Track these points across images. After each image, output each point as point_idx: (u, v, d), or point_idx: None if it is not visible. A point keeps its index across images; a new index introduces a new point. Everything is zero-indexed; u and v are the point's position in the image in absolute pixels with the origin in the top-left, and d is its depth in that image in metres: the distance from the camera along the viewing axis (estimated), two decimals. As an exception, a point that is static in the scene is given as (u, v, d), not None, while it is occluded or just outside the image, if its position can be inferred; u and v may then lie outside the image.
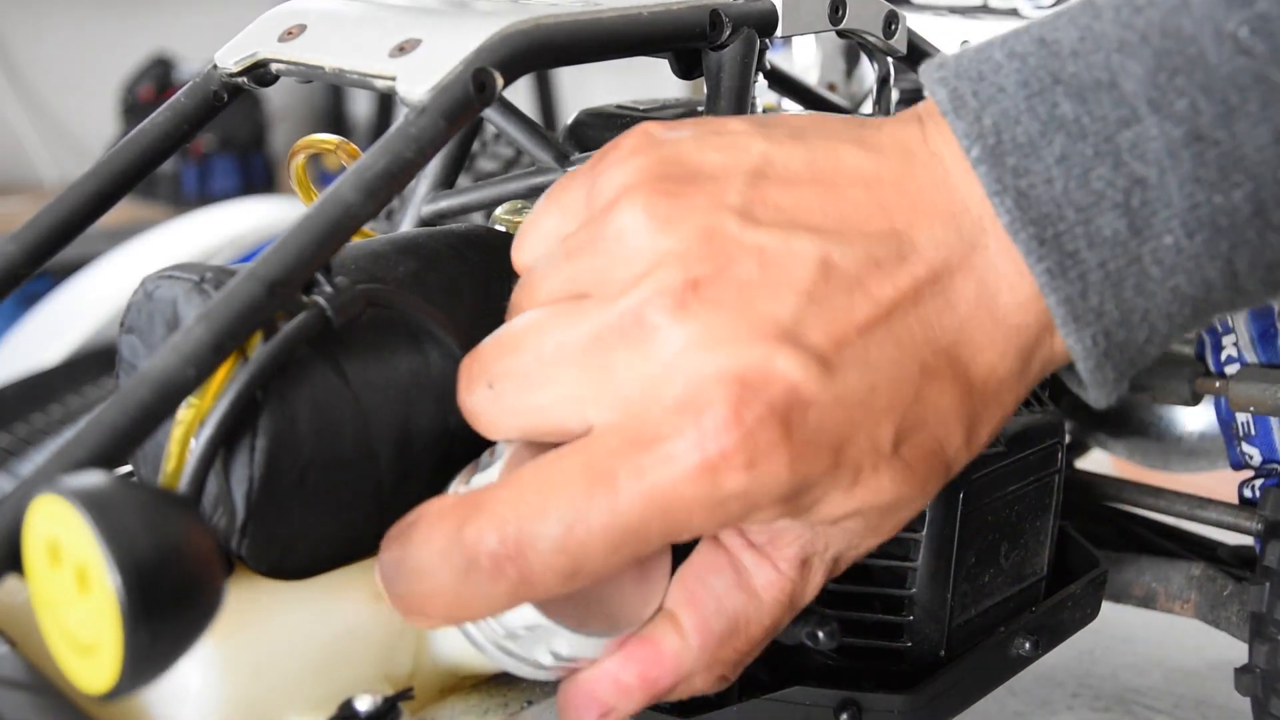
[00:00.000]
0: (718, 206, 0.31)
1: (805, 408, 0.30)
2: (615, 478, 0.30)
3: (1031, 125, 0.31)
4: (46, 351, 1.20)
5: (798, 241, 0.31)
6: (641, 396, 0.30)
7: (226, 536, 0.33)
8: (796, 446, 0.30)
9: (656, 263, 0.31)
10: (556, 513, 0.30)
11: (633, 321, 0.30)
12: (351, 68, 0.38)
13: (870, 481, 0.31)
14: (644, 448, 0.30)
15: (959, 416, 0.32)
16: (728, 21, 0.41)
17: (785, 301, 0.30)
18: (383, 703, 0.34)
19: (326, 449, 0.34)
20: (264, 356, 0.32)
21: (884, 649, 0.44)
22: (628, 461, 0.30)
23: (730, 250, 0.31)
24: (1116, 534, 0.60)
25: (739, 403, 0.29)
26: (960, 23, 0.60)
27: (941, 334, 0.32)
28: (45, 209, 0.41)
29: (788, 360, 0.30)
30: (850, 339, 0.31)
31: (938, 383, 0.32)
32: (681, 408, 0.29)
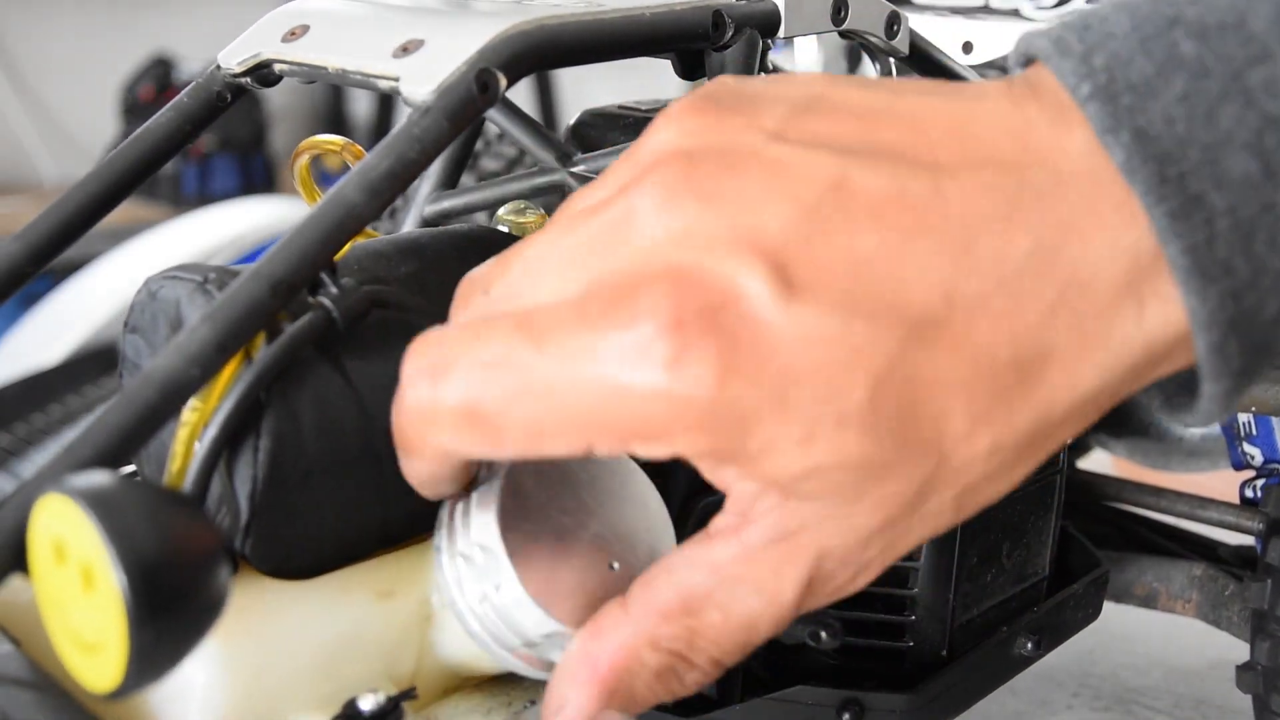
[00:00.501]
0: (751, 126, 0.29)
1: (758, 328, 0.27)
2: (543, 337, 0.28)
3: (1147, 66, 0.28)
4: (46, 351, 1.20)
5: (818, 157, 0.28)
6: (601, 277, 0.28)
7: (231, 536, 0.33)
8: (731, 362, 0.27)
9: (666, 159, 0.29)
10: (478, 346, 0.29)
11: (623, 212, 0.29)
12: (355, 68, 0.38)
13: (831, 436, 0.27)
14: (582, 321, 0.28)
15: (966, 387, 0.28)
16: (730, 22, 0.41)
17: (780, 213, 0.28)
18: (386, 702, 0.34)
19: (330, 449, 0.34)
20: (269, 357, 0.32)
21: (886, 649, 0.44)
22: (562, 327, 0.28)
23: (746, 160, 0.28)
24: (1118, 534, 0.60)
25: (684, 299, 0.27)
26: (962, 23, 0.60)
27: (966, 281, 0.28)
28: (49, 209, 0.41)
29: (756, 277, 0.27)
30: (838, 268, 0.27)
31: (943, 339, 0.28)
32: (630, 294, 0.27)
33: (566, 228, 0.30)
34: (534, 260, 0.31)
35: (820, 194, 0.28)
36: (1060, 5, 0.59)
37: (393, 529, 0.37)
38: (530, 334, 0.28)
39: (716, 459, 0.29)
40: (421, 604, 0.36)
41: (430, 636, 0.36)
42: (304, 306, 0.34)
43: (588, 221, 0.30)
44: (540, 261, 0.30)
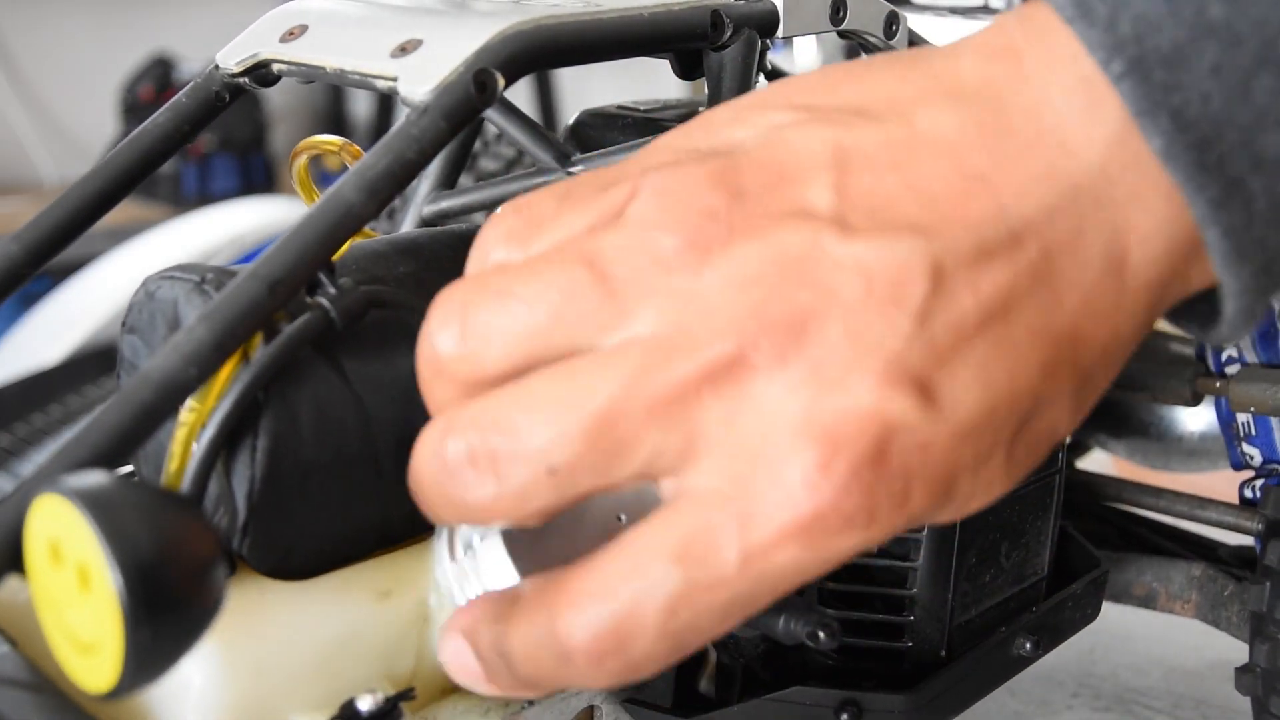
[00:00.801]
0: (804, 213, 0.27)
1: (924, 452, 0.26)
2: (717, 550, 0.26)
3: (1177, 31, 0.27)
4: (46, 351, 1.20)
5: (902, 248, 0.26)
6: (739, 454, 0.26)
7: (228, 536, 0.33)
8: (914, 496, 0.27)
9: (745, 292, 0.26)
10: (656, 597, 0.26)
11: (725, 367, 0.26)
12: (353, 68, 0.38)
13: (980, 498, 0.28)
14: (747, 515, 0.26)
15: (1073, 396, 0.29)
16: (729, 22, 0.41)
17: (898, 326, 0.26)
18: (384, 702, 0.34)
19: (328, 449, 0.34)
20: (267, 357, 0.32)
21: (885, 649, 0.44)
22: (728, 530, 0.26)
23: (830, 272, 0.26)
24: (1117, 534, 0.60)
25: (855, 461, 0.26)
26: (961, 23, 0.60)
27: (1063, 318, 0.28)
28: (47, 209, 0.41)
29: (902, 403, 0.26)
30: (966, 360, 0.27)
31: (1058, 374, 0.28)
32: (789, 465, 0.26)
33: (662, 395, 0.26)
34: (650, 440, 0.27)
35: (923, 296, 0.26)
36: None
37: (391, 529, 0.37)
38: (700, 561, 0.26)
39: None
40: (419, 604, 0.36)
41: (428, 637, 0.36)
42: (302, 307, 0.34)
43: (696, 393, 0.26)
44: (659, 437, 0.27)
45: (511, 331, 0.28)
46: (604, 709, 0.41)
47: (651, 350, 0.27)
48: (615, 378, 0.27)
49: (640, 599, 0.27)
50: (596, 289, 0.27)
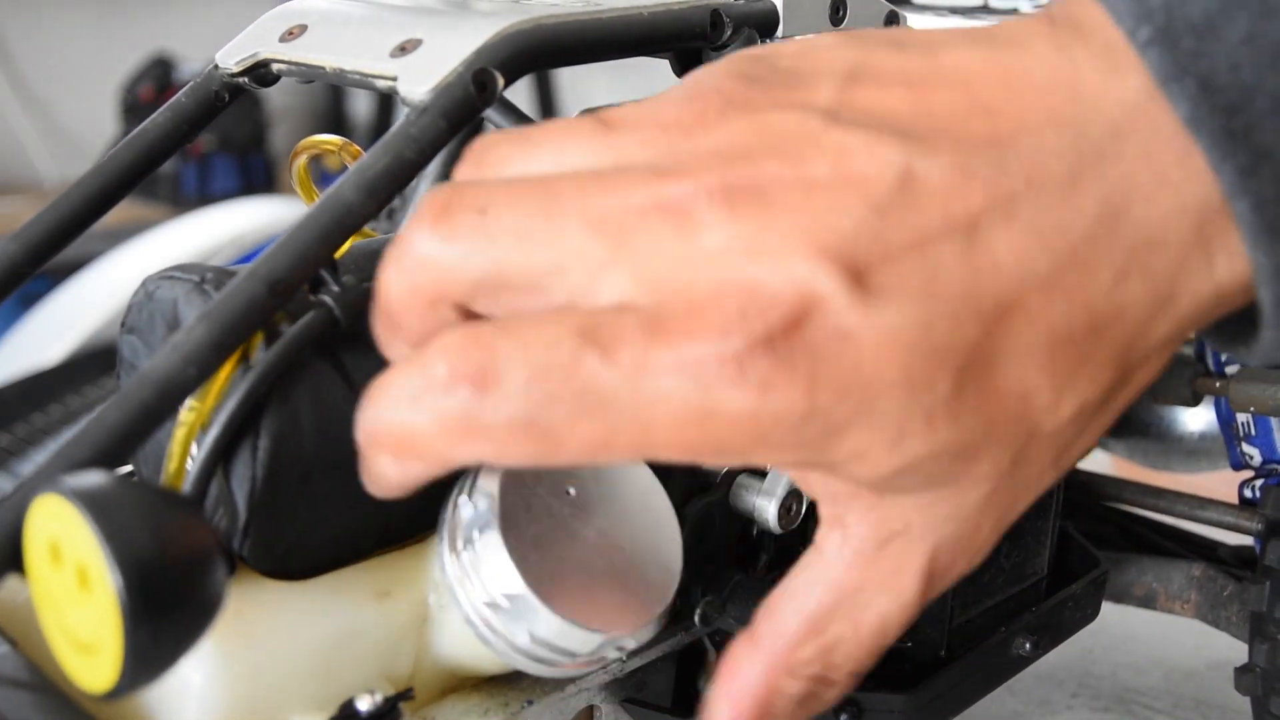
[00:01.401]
0: (803, 103, 0.28)
1: (841, 338, 0.26)
2: (615, 350, 0.26)
3: (1208, 2, 0.27)
4: (46, 351, 1.21)
5: (882, 145, 0.27)
6: (666, 281, 0.26)
7: (228, 537, 0.33)
8: (817, 376, 0.26)
9: (723, 150, 0.27)
10: (533, 353, 0.26)
11: (677, 203, 0.27)
12: (352, 68, 0.38)
13: (920, 433, 0.27)
14: (656, 336, 0.26)
15: (1047, 360, 0.27)
16: (729, 22, 0.41)
17: (850, 212, 0.26)
18: (383, 703, 0.34)
19: (329, 449, 0.34)
20: (273, 355, 0.32)
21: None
22: (634, 341, 0.26)
23: (806, 148, 0.27)
24: (1117, 534, 0.60)
25: (763, 314, 0.26)
26: (961, 23, 0.60)
27: (1037, 257, 0.27)
28: (47, 209, 0.41)
29: (833, 284, 0.26)
30: (913, 263, 0.26)
31: (1021, 319, 0.27)
32: (706, 309, 0.26)
33: (611, 209, 0.27)
34: (566, 205, 0.27)
35: (888, 190, 0.27)
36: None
37: (390, 529, 0.37)
38: (597, 345, 0.26)
39: (802, 468, 0.29)
40: (419, 604, 0.36)
41: (428, 637, 0.36)
42: (304, 305, 0.34)
43: (641, 214, 0.27)
44: (587, 240, 0.27)
45: (518, 166, 0.30)
46: (604, 709, 0.41)
47: (619, 174, 0.28)
48: (574, 180, 0.28)
49: (522, 351, 0.26)
50: (597, 131, 0.29)
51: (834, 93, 0.28)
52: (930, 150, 0.27)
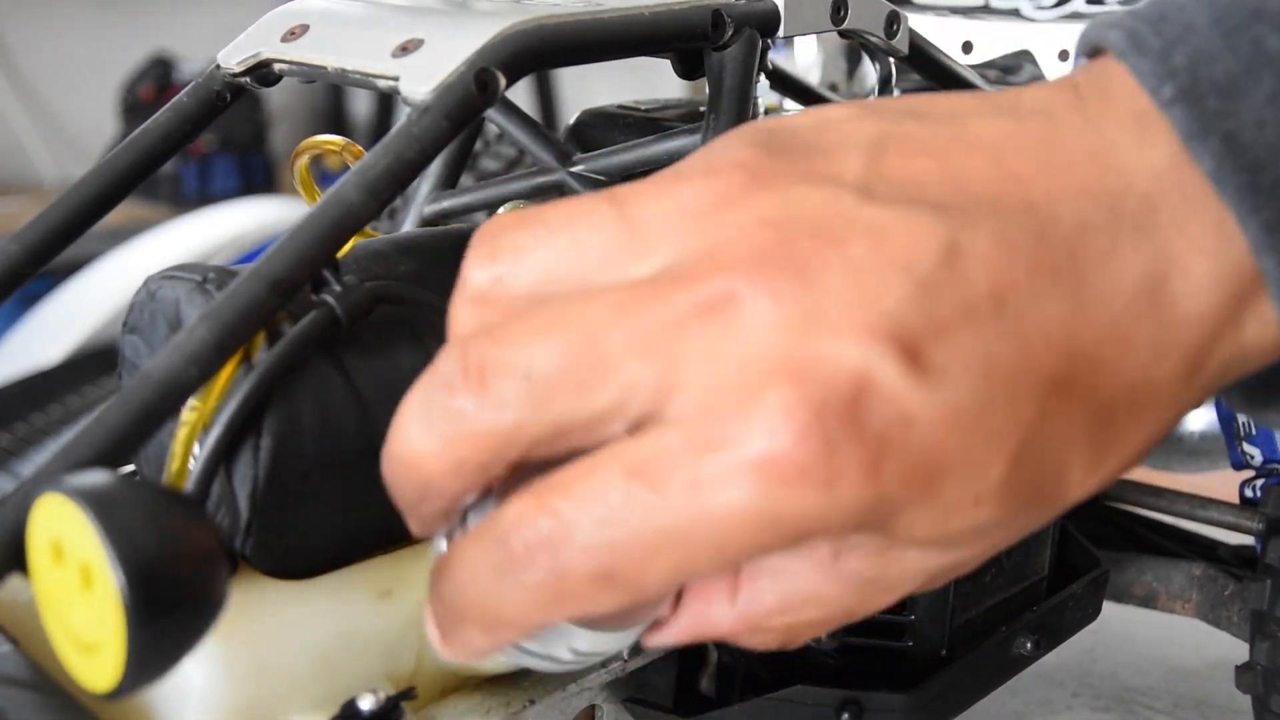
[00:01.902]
0: (832, 177, 0.27)
1: (904, 425, 0.25)
2: (664, 479, 0.25)
3: (1232, 63, 0.27)
4: (46, 351, 1.21)
5: (920, 220, 0.26)
6: (713, 388, 0.25)
7: (230, 536, 0.33)
8: (885, 469, 0.25)
9: (753, 231, 0.26)
10: (592, 508, 0.26)
11: (718, 299, 0.26)
12: (354, 68, 0.38)
13: (966, 513, 0.26)
14: (704, 444, 0.25)
15: (1086, 440, 0.27)
16: (730, 21, 0.41)
17: (897, 290, 0.25)
18: (385, 702, 0.34)
19: (331, 448, 0.34)
20: (276, 355, 0.32)
21: (885, 648, 0.44)
22: (681, 462, 0.25)
23: (842, 227, 0.26)
24: (1117, 533, 0.60)
25: (824, 410, 0.25)
26: (962, 23, 0.60)
27: (1085, 332, 0.26)
28: (48, 209, 0.41)
29: (887, 363, 0.25)
30: (966, 339, 0.26)
31: (1069, 397, 0.27)
32: (756, 402, 0.25)
33: (654, 327, 0.26)
34: (632, 371, 0.26)
35: (932, 265, 0.26)
36: (1060, 5, 0.59)
37: (393, 529, 0.36)
38: (646, 480, 0.25)
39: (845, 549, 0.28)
40: (421, 604, 0.36)
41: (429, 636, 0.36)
42: (306, 305, 0.34)
43: (683, 323, 0.26)
44: (640, 370, 0.26)
45: (535, 258, 0.29)
46: (605, 709, 0.41)
47: (651, 282, 0.27)
48: (610, 303, 0.27)
49: (580, 507, 0.26)
50: (616, 220, 0.28)
51: (862, 166, 0.27)
52: (969, 222, 0.26)
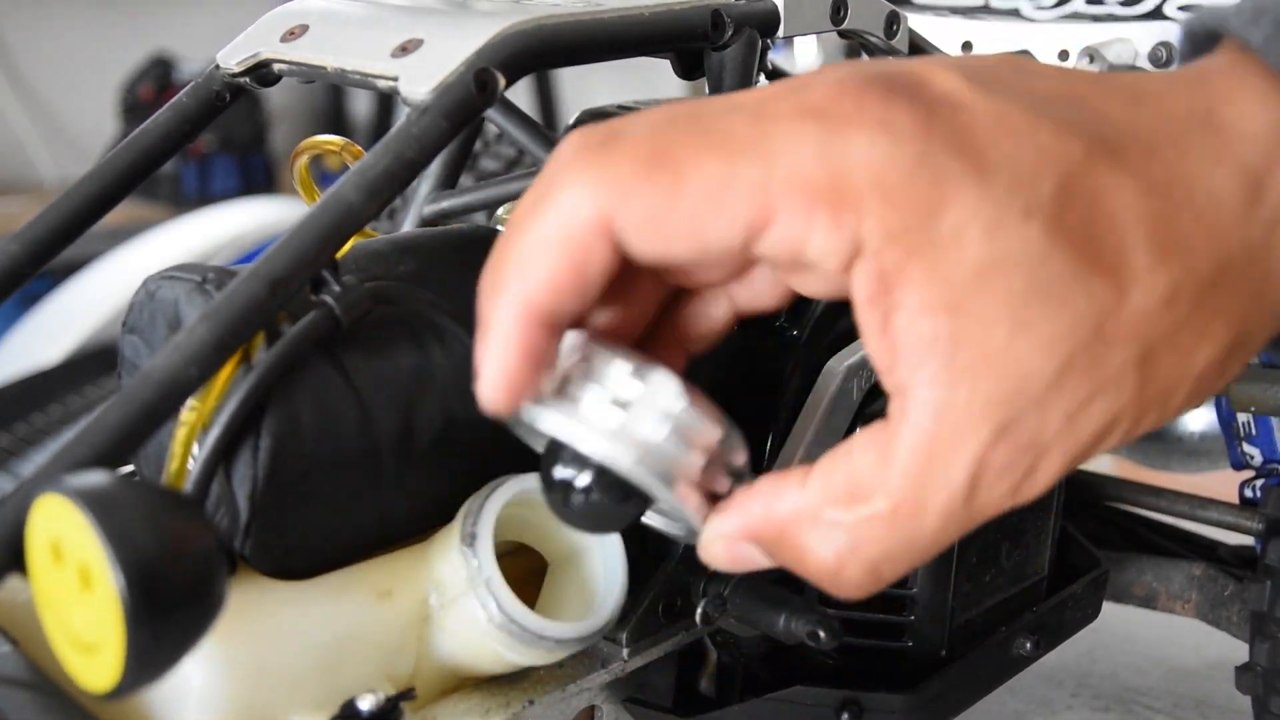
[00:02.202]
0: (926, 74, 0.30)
1: (956, 105, 0.27)
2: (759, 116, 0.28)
3: None
4: (46, 351, 1.21)
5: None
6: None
7: (230, 536, 0.33)
8: (933, 124, 0.27)
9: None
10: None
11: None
12: (354, 68, 0.38)
13: (1017, 226, 0.27)
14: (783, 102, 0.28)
15: (1143, 226, 0.28)
16: (730, 22, 0.41)
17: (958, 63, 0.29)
18: (385, 702, 0.34)
19: (329, 448, 0.34)
20: (275, 355, 0.32)
21: (885, 649, 0.44)
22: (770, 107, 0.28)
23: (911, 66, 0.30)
24: (1118, 534, 0.60)
25: (882, 81, 0.28)
26: (961, 23, 0.60)
27: (1134, 118, 0.29)
28: (48, 209, 0.41)
29: (949, 73, 0.28)
30: (1022, 91, 0.28)
31: (1121, 174, 0.28)
32: (830, 86, 0.28)
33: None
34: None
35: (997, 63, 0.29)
36: (1060, 5, 0.59)
37: (392, 529, 0.37)
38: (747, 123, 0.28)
39: (902, 250, 0.27)
40: (420, 604, 0.36)
41: (429, 636, 0.36)
42: (305, 305, 0.34)
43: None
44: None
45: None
46: (604, 709, 0.41)
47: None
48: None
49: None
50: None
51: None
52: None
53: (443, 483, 0.37)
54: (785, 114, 0.28)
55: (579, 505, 0.31)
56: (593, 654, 0.40)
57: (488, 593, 0.35)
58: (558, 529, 0.38)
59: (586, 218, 0.28)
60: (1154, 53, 0.55)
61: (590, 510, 0.31)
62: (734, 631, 0.42)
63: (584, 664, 0.39)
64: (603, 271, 0.29)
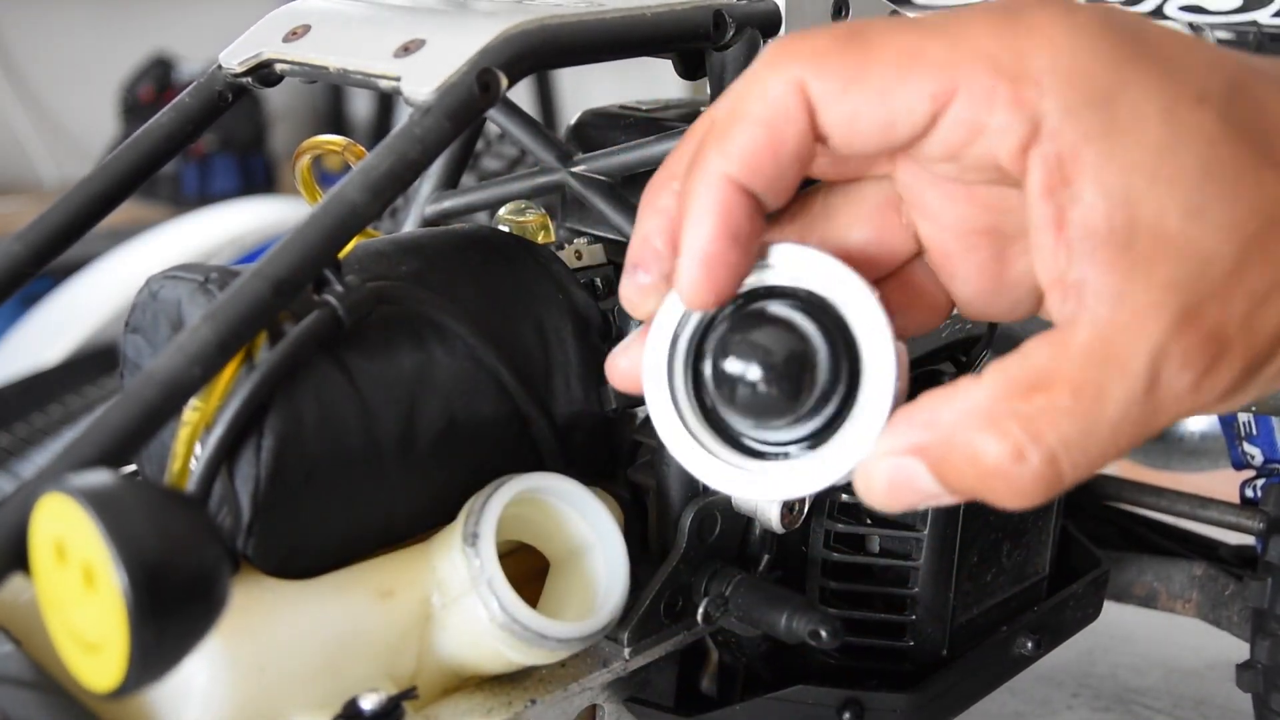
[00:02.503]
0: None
1: (1129, 16, 0.28)
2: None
3: None
4: (46, 351, 1.21)
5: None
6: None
7: (232, 536, 0.33)
8: (1111, 19, 0.28)
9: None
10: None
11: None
12: (356, 68, 0.38)
13: (1191, 109, 0.27)
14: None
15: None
16: (731, 22, 0.41)
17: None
18: (387, 701, 0.34)
19: (332, 448, 0.34)
20: (278, 355, 0.32)
21: (886, 648, 0.44)
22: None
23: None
24: (1118, 533, 0.60)
25: None
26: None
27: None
28: (50, 209, 0.41)
29: (1121, 8, 0.29)
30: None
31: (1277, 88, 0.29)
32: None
33: None
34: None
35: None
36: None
37: (394, 528, 0.37)
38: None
39: (1080, 132, 0.27)
40: (422, 603, 0.36)
41: (431, 636, 0.36)
42: (308, 305, 0.34)
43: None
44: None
45: None
46: (606, 708, 0.41)
47: None
48: None
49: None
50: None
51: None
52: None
53: (444, 482, 0.37)
54: (973, 11, 0.29)
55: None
56: (594, 653, 0.40)
57: (490, 592, 0.35)
58: (559, 528, 0.39)
59: (784, 83, 0.29)
60: (1154, 53, 0.55)
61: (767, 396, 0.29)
62: (735, 631, 0.42)
63: (586, 663, 0.39)
64: (797, 150, 0.29)
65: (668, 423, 0.31)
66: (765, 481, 0.30)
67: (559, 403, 0.39)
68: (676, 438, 0.31)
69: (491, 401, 0.37)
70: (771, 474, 0.30)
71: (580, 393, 0.40)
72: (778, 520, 0.41)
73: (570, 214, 0.48)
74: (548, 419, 0.39)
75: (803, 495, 0.32)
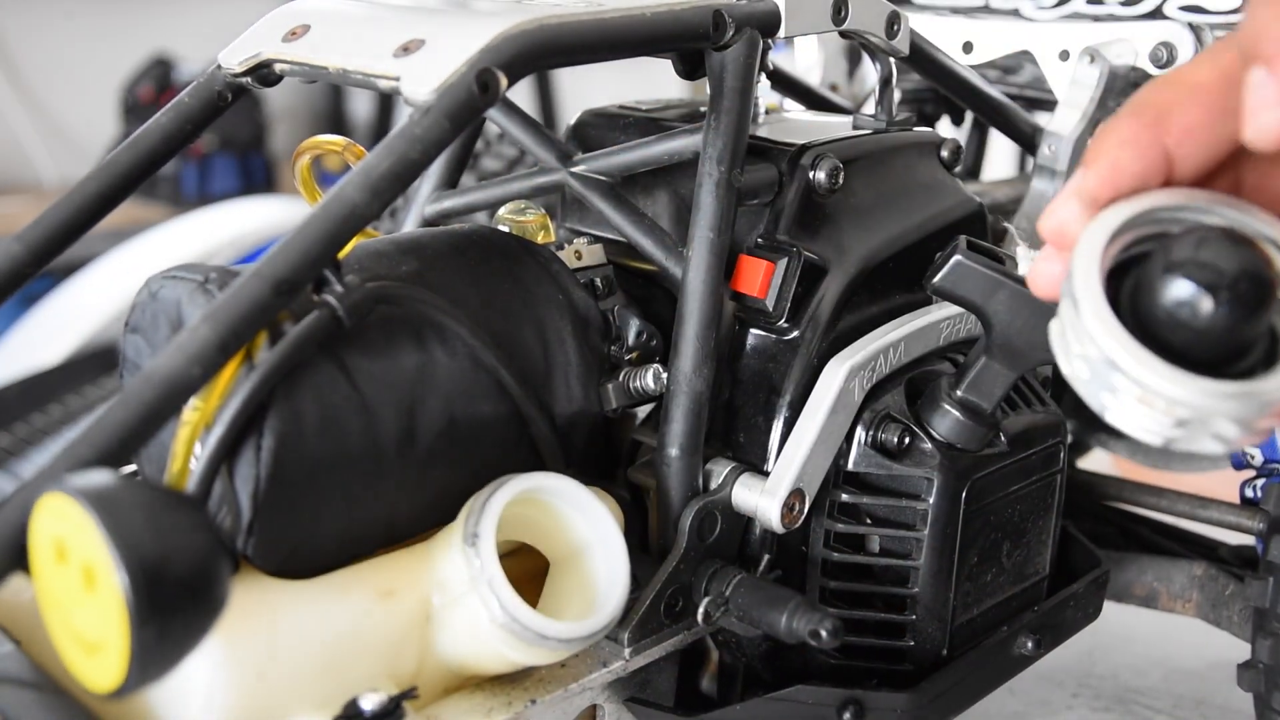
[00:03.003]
0: None
1: None
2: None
3: None
4: (46, 351, 1.21)
5: None
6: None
7: (232, 536, 0.33)
8: None
9: None
10: None
11: None
12: (355, 68, 0.38)
13: None
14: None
15: None
16: (731, 22, 0.41)
17: None
18: (387, 701, 0.34)
19: (332, 448, 0.34)
20: (277, 355, 0.32)
21: (886, 648, 0.44)
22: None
23: None
24: (1118, 534, 0.60)
25: None
26: (962, 23, 0.60)
27: None
28: (50, 209, 0.41)
29: None
30: None
31: None
32: None
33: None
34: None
35: None
36: (1060, 5, 0.59)
37: (394, 528, 0.37)
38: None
39: None
40: (423, 603, 0.36)
41: (431, 635, 0.36)
42: (308, 305, 0.34)
43: None
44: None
45: None
46: (606, 708, 0.41)
47: None
48: None
49: None
50: None
51: None
52: None
53: (445, 482, 0.37)
54: None
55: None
56: (595, 653, 0.40)
57: (490, 592, 0.35)
58: (559, 528, 0.39)
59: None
60: (1154, 53, 0.55)
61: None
62: (735, 631, 0.42)
63: (586, 663, 0.39)
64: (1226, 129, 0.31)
65: (1114, 331, 0.31)
66: (1260, 390, 0.31)
67: (559, 403, 0.39)
68: (1128, 348, 0.31)
69: (491, 401, 0.37)
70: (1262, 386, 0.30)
71: (580, 393, 0.40)
72: (778, 520, 0.41)
73: (570, 214, 0.48)
74: (548, 419, 0.39)
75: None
